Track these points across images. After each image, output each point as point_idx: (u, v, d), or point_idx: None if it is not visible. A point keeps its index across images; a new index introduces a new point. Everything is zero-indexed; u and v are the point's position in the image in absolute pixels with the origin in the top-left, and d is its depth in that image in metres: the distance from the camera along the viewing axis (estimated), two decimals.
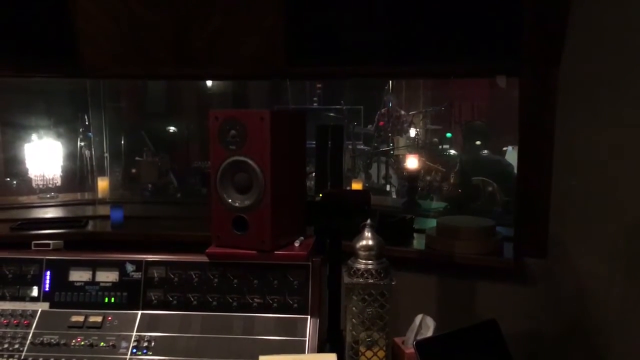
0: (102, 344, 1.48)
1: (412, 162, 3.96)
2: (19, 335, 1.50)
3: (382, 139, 5.49)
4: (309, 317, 1.49)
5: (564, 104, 1.84)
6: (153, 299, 1.54)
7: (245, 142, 1.44)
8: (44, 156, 3.12)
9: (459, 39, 2.08)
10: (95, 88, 3.29)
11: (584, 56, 1.75)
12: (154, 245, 2.17)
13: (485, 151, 4.20)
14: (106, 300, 1.55)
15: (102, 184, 3.20)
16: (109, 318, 1.52)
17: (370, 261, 1.39)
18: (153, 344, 1.47)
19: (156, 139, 4.16)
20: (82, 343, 1.48)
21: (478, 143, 4.25)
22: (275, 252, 1.50)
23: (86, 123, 3.60)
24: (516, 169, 2.05)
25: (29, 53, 2.30)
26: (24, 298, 1.56)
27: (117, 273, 1.56)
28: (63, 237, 2.25)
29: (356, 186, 3.57)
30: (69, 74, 2.44)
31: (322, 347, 1.49)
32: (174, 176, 3.91)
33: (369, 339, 1.42)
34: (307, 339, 1.46)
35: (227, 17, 2.18)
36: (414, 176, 3.73)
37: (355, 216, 1.53)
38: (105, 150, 3.40)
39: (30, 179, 3.13)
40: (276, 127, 1.43)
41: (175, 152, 4.47)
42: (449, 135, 5.65)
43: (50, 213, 2.96)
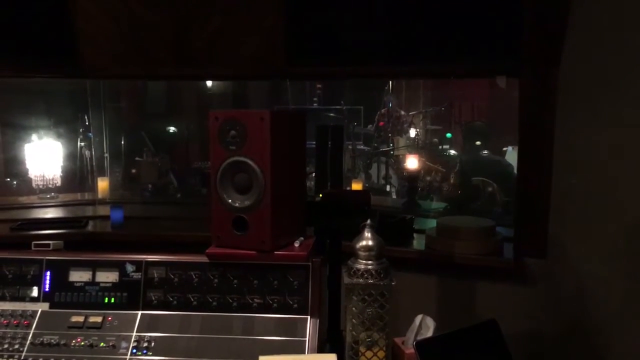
0: (102, 344, 1.48)
1: (412, 162, 3.96)
2: (19, 336, 1.50)
3: (382, 139, 5.48)
4: (309, 317, 1.49)
5: (564, 104, 1.84)
6: (153, 299, 1.54)
7: (245, 142, 1.44)
8: (44, 156, 3.12)
9: (459, 39, 2.07)
10: (95, 88, 3.29)
11: (584, 56, 1.75)
12: (154, 245, 2.15)
13: (485, 151, 4.20)
14: (106, 301, 1.55)
15: (102, 184, 3.19)
16: (109, 318, 1.52)
17: (370, 261, 1.39)
18: (153, 344, 1.47)
19: (156, 139, 4.17)
20: (82, 343, 1.48)
21: (478, 143, 4.25)
22: (275, 252, 1.50)
23: (86, 123, 3.60)
24: (516, 169, 2.05)
25: (29, 53, 2.29)
26: (24, 298, 1.57)
27: (117, 273, 1.56)
28: (63, 237, 2.26)
29: (356, 186, 3.57)
30: (69, 74, 2.44)
31: (322, 347, 1.49)
32: (174, 176, 3.91)
33: (369, 339, 1.42)
34: (307, 339, 1.46)
35: (227, 17, 2.18)
36: (414, 176, 3.73)
37: (355, 216, 1.52)
38: (105, 151, 3.40)
39: (30, 179, 3.12)
40: (276, 128, 1.43)
41: (175, 152, 4.48)
42: (449, 135, 5.65)
43: (50, 213, 2.96)
